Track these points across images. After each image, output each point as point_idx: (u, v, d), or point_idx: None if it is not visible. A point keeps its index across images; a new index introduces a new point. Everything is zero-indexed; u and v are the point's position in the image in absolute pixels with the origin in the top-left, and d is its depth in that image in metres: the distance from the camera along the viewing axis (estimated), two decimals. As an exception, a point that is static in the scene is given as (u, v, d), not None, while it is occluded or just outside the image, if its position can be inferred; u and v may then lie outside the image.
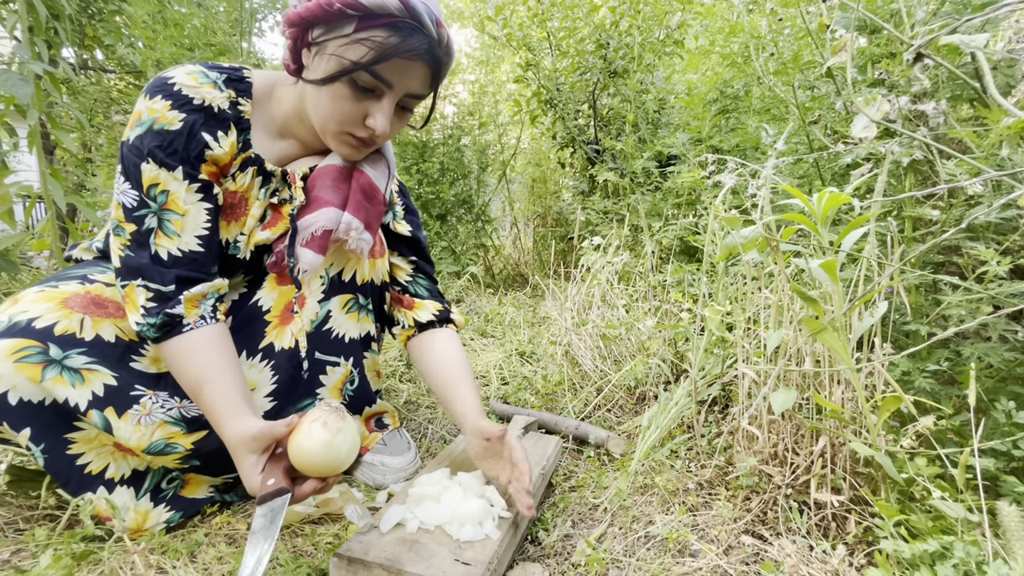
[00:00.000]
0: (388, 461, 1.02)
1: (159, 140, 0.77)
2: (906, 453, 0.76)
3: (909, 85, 0.89)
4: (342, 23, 0.74)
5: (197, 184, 0.80)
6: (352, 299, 0.99)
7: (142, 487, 0.84)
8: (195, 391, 0.77)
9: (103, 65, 2.67)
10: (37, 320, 0.75)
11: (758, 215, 0.82)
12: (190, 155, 0.79)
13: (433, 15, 0.75)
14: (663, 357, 1.31)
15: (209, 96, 0.80)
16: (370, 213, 0.92)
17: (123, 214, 0.78)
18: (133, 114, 0.79)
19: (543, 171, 3.34)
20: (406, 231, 1.06)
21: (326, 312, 0.96)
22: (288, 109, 0.87)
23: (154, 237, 0.78)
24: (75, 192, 2.20)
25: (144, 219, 0.78)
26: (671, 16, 2.29)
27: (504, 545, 0.72)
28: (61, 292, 0.80)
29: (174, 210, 0.79)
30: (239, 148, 0.84)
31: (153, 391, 0.83)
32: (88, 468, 0.79)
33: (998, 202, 0.62)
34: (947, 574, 0.63)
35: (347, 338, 0.99)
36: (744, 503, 0.87)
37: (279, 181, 0.89)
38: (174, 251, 0.79)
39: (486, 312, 2.27)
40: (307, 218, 0.87)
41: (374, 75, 0.76)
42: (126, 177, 0.78)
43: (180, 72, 0.80)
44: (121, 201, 0.78)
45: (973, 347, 0.85)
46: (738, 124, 1.87)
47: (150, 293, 0.77)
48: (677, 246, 1.74)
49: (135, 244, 0.78)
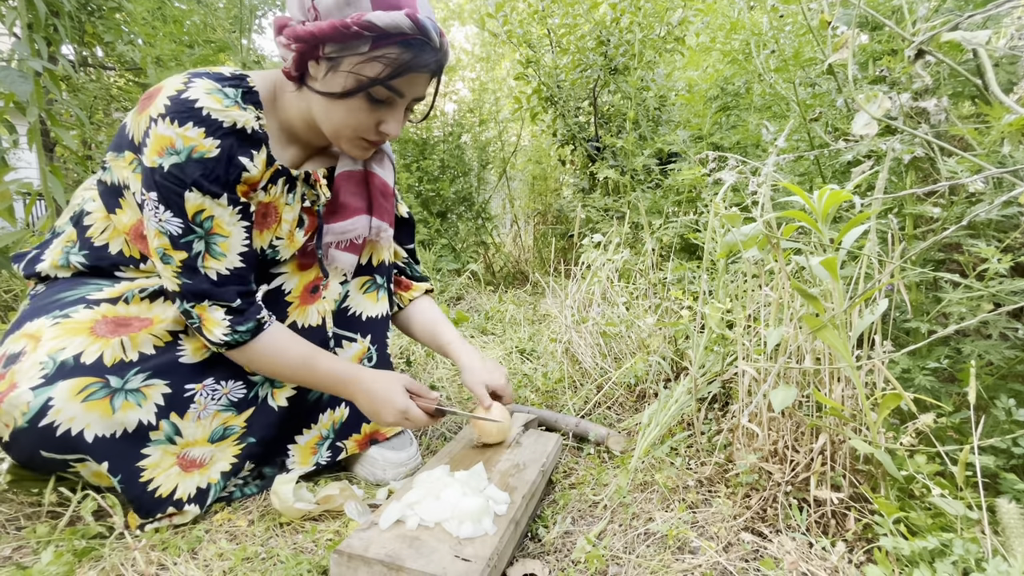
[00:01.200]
0: (389, 456, 1.03)
1: (201, 169, 0.79)
2: (906, 450, 0.76)
3: (910, 82, 0.88)
4: (357, 43, 0.77)
5: (240, 207, 0.84)
6: (369, 280, 1.07)
7: (206, 502, 0.87)
8: (307, 368, 0.88)
9: (103, 62, 2.66)
10: (83, 355, 0.78)
11: (758, 212, 0.82)
12: (230, 180, 0.82)
13: (437, 27, 0.80)
14: (663, 354, 1.31)
15: (240, 118, 0.81)
16: (389, 211, 1.04)
17: (169, 242, 0.80)
18: (158, 139, 0.77)
19: (543, 168, 3.33)
20: (404, 212, 1.17)
21: (345, 292, 1.04)
22: (295, 116, 0.89)
23: (202, 260, 0.82)
24: (75, 190, 2.20)
25: (192, 245, 0.81)
26: (672, 13, 2.28)
27: (504, 542, 0.72)
28: (81, 321, 0.82)
29: (220, 233, 0.83)
30: (266, 163, 0.87)
31: (200, 384, 0.88)
32: (158, 492, 0.83)
33: (999, 199, 0.61)
34: (946, 571, 0.63)
35: (364, 316, 1.06)
36: (744, 500, 0.87)
37: (303, 185, 0.94)
38: (223, 271, 0.84)
39: (486, 310, 2.27)
40: (342, 224, 0.97)
41: (389, 88, 0.81)
42: (167, 206, 0.79)
43: (200, 92, 0.78)
44: (166, 230, 0.80)
45: (973, 345, 0.85)
46: (739, 121, 1.86)
47: (223, 309, 0.84)
48: (677, 243, 1.74)
49: (187, 270, 0.82)
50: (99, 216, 0.90)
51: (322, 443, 1.01)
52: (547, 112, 2.72)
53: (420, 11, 0.78)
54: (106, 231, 0.90)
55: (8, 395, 0.72)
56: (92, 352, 0.78)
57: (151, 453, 0.82)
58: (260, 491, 0.96)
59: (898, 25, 1.00)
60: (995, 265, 0.78)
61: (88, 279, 0.89)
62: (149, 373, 0.83)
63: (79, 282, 0.89)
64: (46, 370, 0.75)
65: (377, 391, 0.88)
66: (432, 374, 1.60)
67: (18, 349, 0.78)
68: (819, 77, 1.39)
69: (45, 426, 0.73)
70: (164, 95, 0.78)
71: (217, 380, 0.90)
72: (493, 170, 3.30)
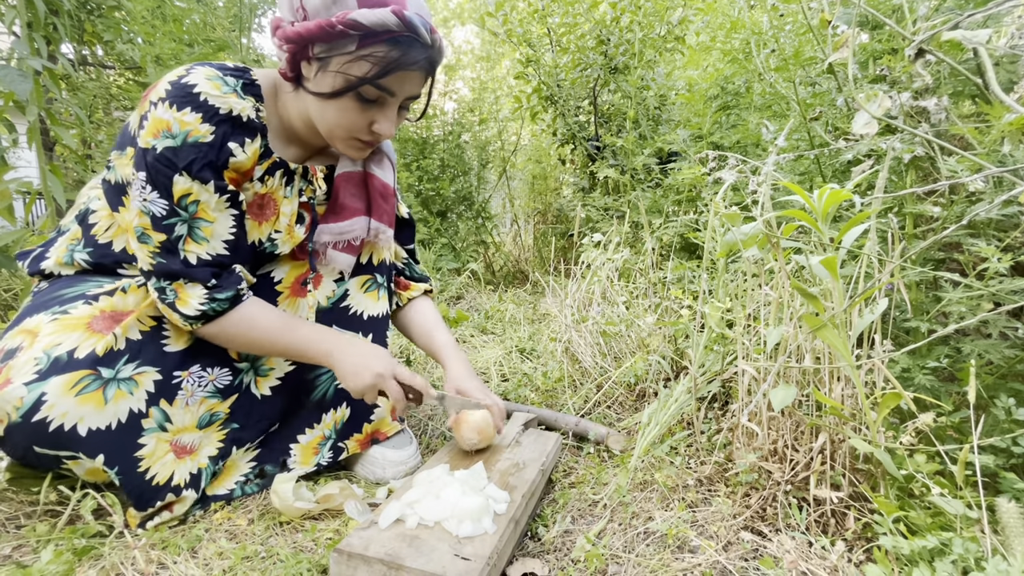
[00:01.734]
0: (389, 455, 1.03)
1: (194, 154, 0.79)
2: (905, 450, 0.76)
3: (911, 81, 0.88)
4: (344, 42, 0.77)
5: (227, 194, 0.84)
6: (370, 279, 1.06)
7: (200, 486, 0.88)
8: (285, 334, 0.88)
9: (102, 61, 2.66)
10: (76, 350, 0.78)
11: (758, 212, 0.82)
12: (218, 165, 0.82)
13: (427, 23, 0.79)
14: (663, 354, 1.31)
15: (236, 106, 0.82)
16: (388, 212, 1.04)
17: (150, 222, 0.80)
18: (155, 121, 0.78)
19: (543, 168, 3.33)
20: (405, 213, 1.17)
21: (343, 291, 1.04)
22: (294, 116, 0.89)
23: (183, 243, 0.82)
24: (75, 188, 2.19)
25: (174, 227, 0.81)
26: (672, 12, 2.28)
27: (504, 541, 0.72)
28: (79, 317, 0.82)
29: (204, 218, 0.83)
30: (261, 153, 0.87)
31: (187, 371, 0.89)
32: (155, 480, 0.83)
33: (999, 198, 0.61)
34: (946, 570, 0.63)
35: (365, 315, 1.05)
36: (743, 499, 0.87)
37: (301, 179, 0.94)
38: (203, 255, 0.84)
39: (486, 309, 2.27)
40: (340, 225, 0.97)
41: (379, 87, 0.81)
42: (153, 186, 0.79)
43: (200, 78, 0.79)
44: (149, 210, 0.80)
45: (973, 344, 0.85)
46: (739, 120, 1.86)
47: (199, 285, 0.84)
48: (677, 243, 1.74)
49: (164, 251, 0.81)
50: (103, 214, 0.91)
51: (324, 443, 1.01)
52: (547, 111, 2.72)
53: (408, 7, 0.77)
54: (110, 229, 0.91)
55: (2, 390, 0.73)
56: (85, 347, 0.79)
57: (147, 442, 0.83)
58: (260, 490, 0.96)
59: (898, 24, 1.00)
60: (995, 264, 0.78)
61: (90, 277, 0.90)
62: (139, 362, 0.83)
63: (81, 279, 0.89)
64: (40, 366, 0.75)
65: (358, 351, 0.89)
66: (432, 373, 1.60)
67: (15, 345, 0.78)
68: (819, 76, 1.39)
69: (38, 421, 0.73)
70: (165, 81, 0.80)
71: (204, 367, 0.91)
72: (493, 169, 3.30)
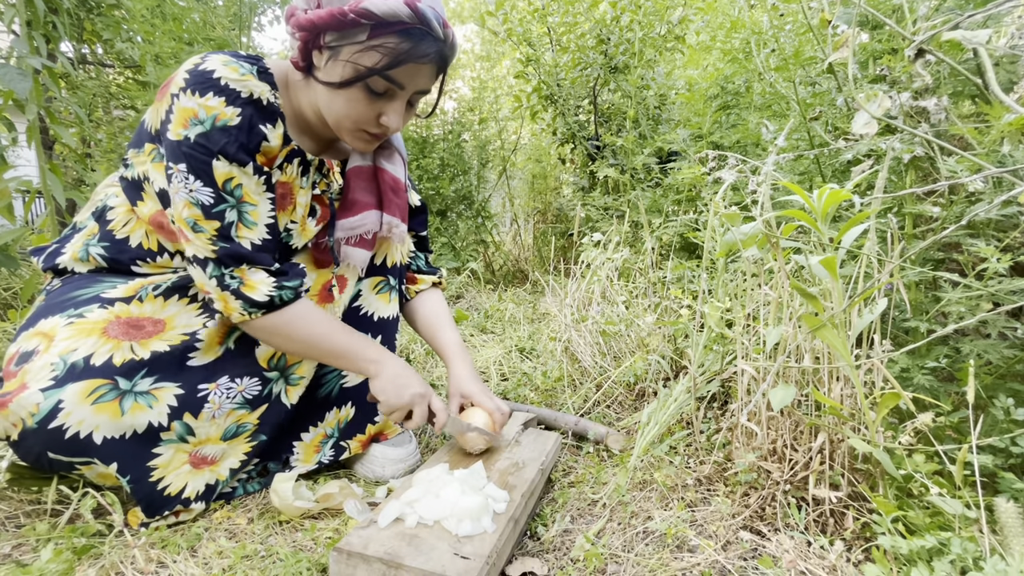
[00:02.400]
0: (388, 452, 1.03)
1: (227, 137, 0.79)
2: (904, 449, 0.76)
3: (911, 81, 0.88)
4: (355, 31, 0.76)
5: (264, 176, 0.84)
6: (383, 280, 1.07)
7: (211, 497, 0.88)
8: (334, 336, 0.88)
9: (102, 60, 2.66)
10: (93, 357, 0.77)
11: (758, 211, 0.82)
12: (251, 147, 0.81)
13: (440, 17, 0.78)
14: (663, 353, 1.31)
15: (256, 89, 0.81)
16: (401, 206, 1.03)
17: (201, 212, 0.80)
18: (181, 111, 0.78)
19: (543, 167, 3.33)
20: (416, 201, 1.15)
21: (356, 291, 1.05)
22: (305, 106, 0.89)
23: (235, 230, 0.82)
24: (74, 187, 2.19)
25: (224, 214, 0.81)
26: (672, 11, 2.28)
27: (503, 540, 0.72)
28: (94, 321, 0.82)
29: (249, 202, 0.83)
30: (283, 140, 0.87)
31: (214, 383, 0.87)
32: (167, 491, 0.83)
33: (999, 199, 0.61)
34: (944, 570, 0.63)
35: (376, 316, 1.06)
36: (742, 499, 0.87)
37: (316, 171, 0.95)
38: (256, 240, 0.84)
39: (486, 308, 2.27)
40: (352, 220, 0.97)
41: (388, 79, 0.79)
42: (196, 176, 0.79)
43: (217, 63, 0.79)
44: (198, 200, 0.79)
45: (972, 344, 0.85)
46: (739, 120, 1.86)
47: (264, 271, 0.84)
48: (677, 242, 1.74)
49: (221, 238, 0.81)
50: (122, 210, 0.91)
51: (326, 441, 1.01)
52: (547, 110, 2.72)
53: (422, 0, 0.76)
54: (128, 224, 0.90)
55: (18, 395, 0.72)
56: (102, 353, 0.78)
57: (163, 452, 0.82)
58: (262, 488, 0.96)
59: (898, 24, 1.00)
60: (994, 264, 0.78)
61: (104, 276, 0.89)
62: (157, 377, 0.82)
63: (94, 279, 0.89)
64: (56, 372, 0.75)
65: (403, 368, 0.91)
66: (432, 372, 1.60)
67: (31, 348, 0.78)
68: (819, 76, 1.39)
69: (54, 428, 0.73)
70: (182, 72, 0.79)
71: (232, 378, 0.89)
72: (493, 168, 3.29)
